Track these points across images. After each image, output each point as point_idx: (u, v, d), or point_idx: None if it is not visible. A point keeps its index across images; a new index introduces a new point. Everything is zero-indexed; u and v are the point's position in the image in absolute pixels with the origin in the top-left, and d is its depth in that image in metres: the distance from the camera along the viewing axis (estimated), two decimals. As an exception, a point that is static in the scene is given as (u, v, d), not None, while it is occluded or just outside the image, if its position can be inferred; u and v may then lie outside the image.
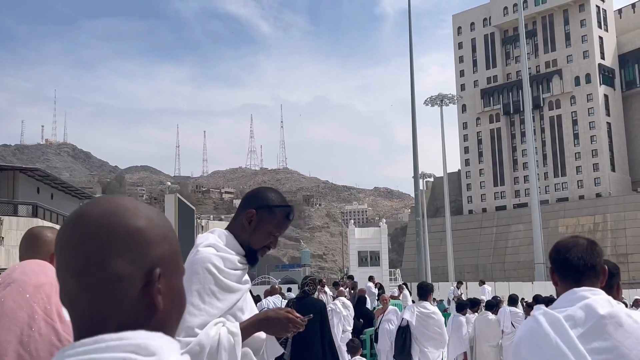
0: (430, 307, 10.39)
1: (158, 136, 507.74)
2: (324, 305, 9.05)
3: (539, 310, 2.80)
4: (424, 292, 10.50)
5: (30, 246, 3.11)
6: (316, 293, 11.54)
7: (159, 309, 1.13)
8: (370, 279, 27.22)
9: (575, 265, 2.86)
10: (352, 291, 21.56)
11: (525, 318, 13.26)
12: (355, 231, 54.02)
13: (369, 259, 52.24)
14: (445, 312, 19.13)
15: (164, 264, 1.16)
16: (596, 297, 2.74)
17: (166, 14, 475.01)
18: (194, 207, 46.93)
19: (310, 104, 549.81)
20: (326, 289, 21.86)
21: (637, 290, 59.23)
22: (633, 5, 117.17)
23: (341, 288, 18.16)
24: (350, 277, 25.60)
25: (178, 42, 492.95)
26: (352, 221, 68.61)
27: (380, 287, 27.89)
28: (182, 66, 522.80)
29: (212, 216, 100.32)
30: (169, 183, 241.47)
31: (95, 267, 1.11)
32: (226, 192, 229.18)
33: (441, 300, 41.72)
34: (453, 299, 27.07)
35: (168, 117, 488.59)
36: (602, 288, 2.87)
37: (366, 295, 22.13)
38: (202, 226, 68.95)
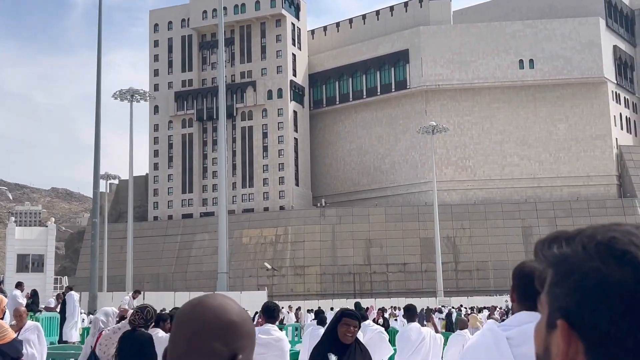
0: (275, 333, 8.46)
1: None
2: (147, 339, 8.21)
3: (489, 325, 3.22)
4: (271, 313, 8.71)
5: None
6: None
7: None
8: (18, 285, 20.98)
9: (536, 292, 2.89)
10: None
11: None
12: (15, 230, 45.18)
13: (31, 263, 44.05)
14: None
15: (244, 353, 1.68)
16: None
17: None
18: None
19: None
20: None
21: (342, 300, 60.06)
22: (325, 28, 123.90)
23: None
24: None
25: None
26: (14, 219, 58.31)
27: (34, 294, 21.85)
28: None
29: None
30: None
31: (204, 340, 1.64)
32: None
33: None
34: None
35: None
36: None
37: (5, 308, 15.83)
38: None
